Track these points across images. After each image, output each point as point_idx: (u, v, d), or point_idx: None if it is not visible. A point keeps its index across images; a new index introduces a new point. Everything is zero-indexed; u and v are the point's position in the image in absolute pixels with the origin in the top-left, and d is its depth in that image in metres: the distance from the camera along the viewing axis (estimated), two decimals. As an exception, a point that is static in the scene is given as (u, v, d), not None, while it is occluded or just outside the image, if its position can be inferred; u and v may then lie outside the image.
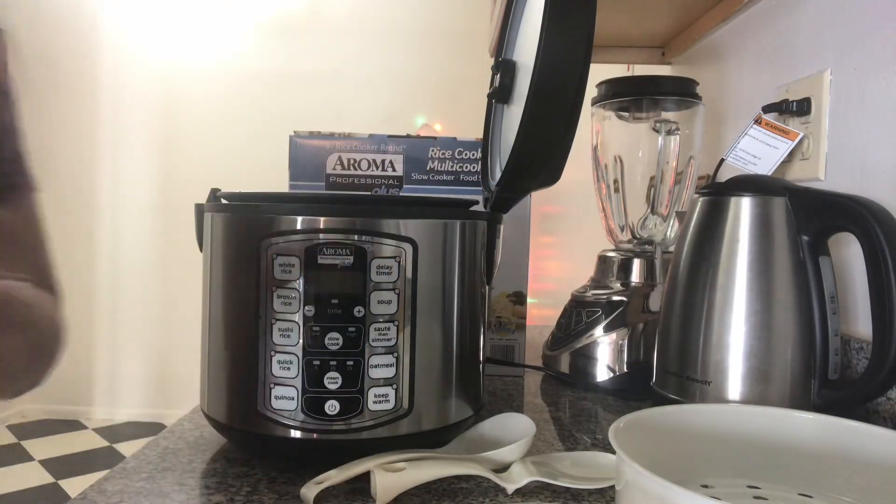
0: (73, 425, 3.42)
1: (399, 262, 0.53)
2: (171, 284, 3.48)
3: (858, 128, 0.75)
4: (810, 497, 0.45)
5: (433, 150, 0.85)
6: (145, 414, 3.50)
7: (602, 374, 0.84)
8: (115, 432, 3.35)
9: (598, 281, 0.91)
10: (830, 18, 0.80)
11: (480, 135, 0.73)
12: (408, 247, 0.53)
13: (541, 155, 0.56)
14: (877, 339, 0.55)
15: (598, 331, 0.84)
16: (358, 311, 0.52)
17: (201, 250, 0.60)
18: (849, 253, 0.71)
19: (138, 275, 3.49)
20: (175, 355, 3.48)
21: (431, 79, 3.42)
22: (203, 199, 0.61)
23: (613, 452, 0.39)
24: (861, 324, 0.71)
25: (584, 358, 0.85)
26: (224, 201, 0.58)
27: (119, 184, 3.49)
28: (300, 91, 3.38)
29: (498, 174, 0.66)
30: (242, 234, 0.55)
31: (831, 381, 0.60)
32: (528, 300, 0.91)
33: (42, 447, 3.12)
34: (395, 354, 0.53)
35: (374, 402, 0.53)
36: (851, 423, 0.46)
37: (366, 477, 0.50)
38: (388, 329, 0.53)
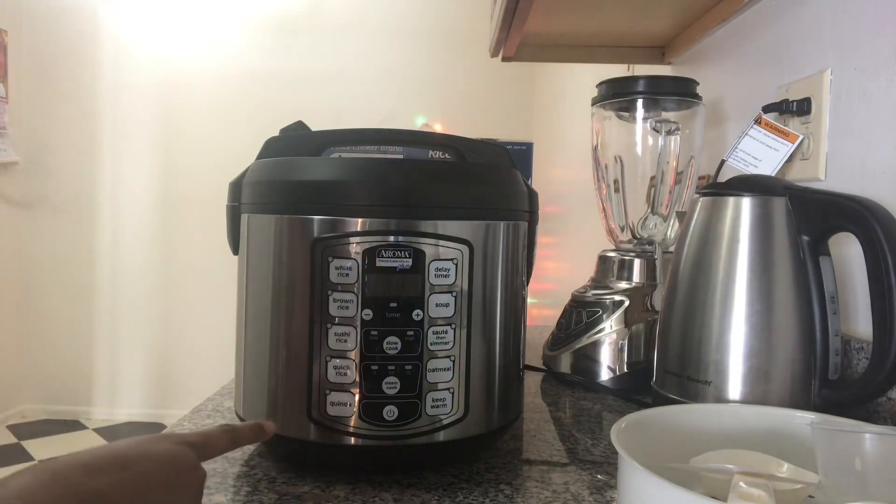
0: (73, 425, 3.41)
1: (457, 265, 0.52)
2: (171, 284, 3.47)
3: (858, 128, 0.74)
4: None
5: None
6: (145, 414, 3.50)
7: (602, 374, 0.84)
8: (115, 432, 3.34)
9: (599, 281, 0.91)
10: (830, 18, 0.80)
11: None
12: (465, 248, 0.53)
13: None
14: (877, 339, 0.55)
15: (598, 331, 0.84)
16: (416, 314, 0.51)
17: (235, 253, 0.59)
18: (849, 253, 0.70)
19: (138, 275, 3.49)
20: (175, 355, 3.48)
21: (431, 78, 3.42)
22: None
23: (615, 452, 0.39)
24: (861, 324, 0.70)
25: (585, 358, 0.85)
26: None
27: (119, 184, 3.48)
28: (300, 91, 3.37)
29: None
30: (293, 236, 0.53)
31: (831, 381, 0.60)
32: (529, 300, 0.91)
33: (42, 447, 3.11)
34: (452, 358, 0.53)
35: (432, 407, 0.52)
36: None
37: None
38: (446, 332, 0.52)
